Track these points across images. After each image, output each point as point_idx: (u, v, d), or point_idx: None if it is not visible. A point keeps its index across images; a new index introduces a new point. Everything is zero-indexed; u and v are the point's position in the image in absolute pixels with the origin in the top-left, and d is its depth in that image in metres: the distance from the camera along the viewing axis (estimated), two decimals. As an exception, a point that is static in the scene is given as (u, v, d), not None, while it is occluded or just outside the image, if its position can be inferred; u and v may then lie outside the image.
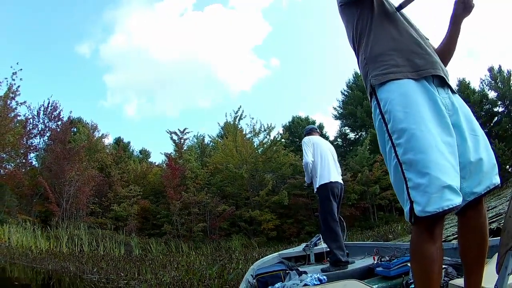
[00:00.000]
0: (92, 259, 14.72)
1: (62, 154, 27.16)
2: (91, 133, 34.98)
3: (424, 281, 1.74)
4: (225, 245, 26.10)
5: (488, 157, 1.92)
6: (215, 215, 29.40)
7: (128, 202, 28.84)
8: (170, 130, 34.97)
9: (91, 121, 38.27)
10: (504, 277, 1.55)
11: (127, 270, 11.06)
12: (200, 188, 30.66)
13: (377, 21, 2.12)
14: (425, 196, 1.69)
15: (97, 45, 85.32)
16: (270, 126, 36.04)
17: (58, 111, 30.78)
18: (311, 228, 31.19)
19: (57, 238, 20.02)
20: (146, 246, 23.33)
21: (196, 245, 26.02)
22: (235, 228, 30.51)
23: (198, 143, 42.98)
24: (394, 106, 1.86)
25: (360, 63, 2.18)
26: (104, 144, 36.47)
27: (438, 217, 1.71)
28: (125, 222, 27.30)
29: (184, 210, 28.91)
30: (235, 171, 31.53)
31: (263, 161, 34.11)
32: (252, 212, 30.15)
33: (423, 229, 1.76)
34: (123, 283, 9.19)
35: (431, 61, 2.02)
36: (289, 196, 31.52)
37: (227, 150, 34.05)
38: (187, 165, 32.26)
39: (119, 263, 13.09)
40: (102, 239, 21.14)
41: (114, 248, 20.52)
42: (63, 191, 25.99)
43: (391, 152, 1.87)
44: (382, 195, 32.98)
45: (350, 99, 48.12)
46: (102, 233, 22.99)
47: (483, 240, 1.91)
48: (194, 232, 28.06)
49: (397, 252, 4.59)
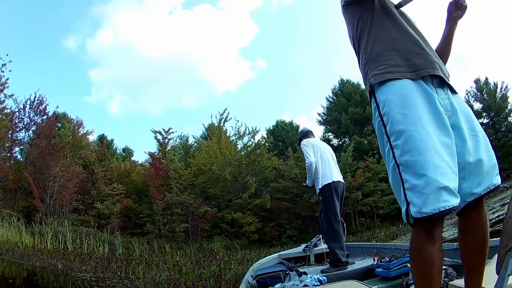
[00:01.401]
0: (80, 257, 14.75)
1: (46, 149, 27.06)
2: (76, 129, 34.81)
3: (424, 282, 1.76)
4: (207, 247, 26.07)
5: (488, 158, 1.95)
6: (198, 216, 29.53)
7: (111, 200, 28.83)
8: (155, 130, 35.03)
9: (76, 117, 38.10)
10: (504, 278, 1.56)
11: (115, 269, 11.14)
12: (183, 188, 30.82)
13: (377, 21, 2.16)
14: (422, 197, 1.71)
15: (84, 40, 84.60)
16: (255, 129, 36.31)
17: (44, 105, 30.69)
18: (292, 232, 31.72)
19: (42, 234, 19.98)
20: (129, 245, 23.25)
21: (179, 246, 25.91)
22: (217, 229, 30.61)
23: (182, 144, 42.97)
24: (392, 108, 1.90)
25: (360, 63, 2.23)
26: (88, 141, 36.38)
27: (436, 218, 1.73)
28: (108, 220, 27.29)
29: (167, 210, 29.02)
30: (218, 173, 31.60)
31: (247, 164, 34.29)
32: (234, 214, 30.32)
33: (423, 230, 1.78)
34: (114, 282, 9.14)
35: (430, 60, 2.06)
36: (272, 200, 31.70)
37: (210, 152, 34.16)
38: (171, 165, 32.30)
39: (109, 262, 13.10)
40: (86, 237, 21.10)
41: (98, 246, 20.50)
42: (47, 186, 25.90)
43: (389, 154, 1.89)
44: (364, 201, 33.33)
45: (335, 105, 48.28)
46: (86, 231, 22.94)
47: (484, 241, 1.93)
48: (176, 232, 28.12)
49: (397, 253, 4.58)
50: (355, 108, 44.18)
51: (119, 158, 42.32)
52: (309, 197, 31.63)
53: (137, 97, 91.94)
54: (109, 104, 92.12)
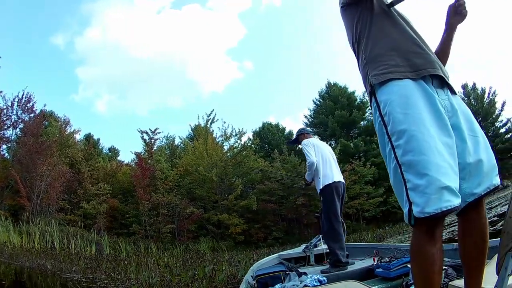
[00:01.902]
0: (69, 258, 14.76)
1: (34, 148, 26.92)
2: (63, 128, 34.60)
3: (424, 282, 1.77)
4: (193, 248, 26.02)
5: (487, 158, 1.96)
6: (184, 217, 29.53)
7: (97, 200, 28.78)
8: (142, 130, 34.89)
9: (63, 115, 37.79)
10: (504, 278, 1.56)
11: (105, 269, 11.15)
12: (169, 189, 30.82)
13: (376, 21, 2.18)
14: (424, 197, 1.72)
15: (72, 37, 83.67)
16: (241, 130, 36.46)
17: (32, 103, 30.39)
18: (278, 234, 31.87)
19: (29, 234, 19.91)
20: (115, 245, 23.23)
21: (165, 247, 25.87)
22: (203, 231, 30.68)
23: (168, 144, 42.93)
24: (393, 108, 1.90)
25: (360, 63, 2.22)
26: (75, 139, 36.17)
27: (437, 218, 1.74)
28: (94, 220, 27.22)
29: (153, 211, 29.02)
30: (205, 174, 31.63)
31: (233, 165, 34.36)
32: (220, 215, 30.34)
33: (424, 230, 1.79)
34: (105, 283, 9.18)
35: (430, 60, 2.07)
36: (258, 201, 31.82)
37: (197, 153, 34.15)
38: (157, 165, 32.27)
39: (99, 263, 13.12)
40: (73, 236, 21.08)
41: (85, 246, 20.49)
42: (34, 185, 25.79)
43: (390, 154, 1.90)
44: (350, 204, 33.23)
45: (322, 108, 48.49)
46: (73, 231, 22.90)
47: (483, 241, 1.94)
48: (162, 233, 28.13)
49: (397, 253, 4.63)
50: (341, 111, 44.37)
51: (105, 157, 42.11)
52: (295, 199, 31.88)
53: (124, 96, 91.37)
54: (96, 103, 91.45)
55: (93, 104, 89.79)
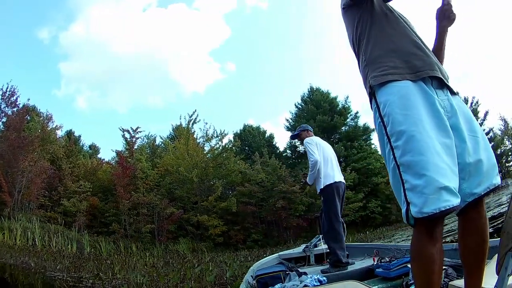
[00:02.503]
0: (53, 256, 14.75)
1: (16, 142, 26.69)
2: (45, 123, 34.11)
3: (424, 282, 1.76)
4: (173, 248, 26.20)
5: (487, 158, 1.96)
6: (164, 217, 29.50)
7: (78, 197, 28.53)
8: (123, 128, 34.87)
9: (46, 110, 37.32)
10: (504, 278, 1.55)
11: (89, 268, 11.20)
12: (149, 189, 30.85)
13: (376, 23, 2.19)
14: (422, 197, 1.72)
15: (57, 32, 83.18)
16: (223, 132, 36.62)
17: (16, 97, 30.10)
18: (257, 236, 32.24)
19: (10, 230, 19.76)
20: (95, 244, 23.17)
21: (145, 247, 25.99)
22: (182, 231, 30.74)
23: (149, 143, 42.79)
24: (393, 108, 1.91)
25: (360, 64, 2.24)
26: (57, 136, 35.69)
27: (436, 218, 1.74)
28: (74, 218, 26.97)
29: (133, 210, 28.98)
30: (185, 175, 31.76)
31: (214, 167, 34.52)
32: (200, 216, 30.46)
33: (424, 230, 1.79)
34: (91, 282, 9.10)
35: (429, 62, 2.07)
36: (238, 203, 32.10)
37: (177, 153, 34.32)
38: (138, 164, 32.20)
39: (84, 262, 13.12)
40: (54, 234, 20.97)
41: (67, 244, 20.42)
42: (15, 181, 25.58)
43: (390, 155, 1.91)
44: (330, 208, 33.77)
45: (303, 112, 48.70)
46: (54, 228, 22.75)
47: (483, 241, 1.94)
48: (142, 233, 28.11)
49: (397, 253, 4.66)
50: (323, 116, 44.62)
51: (86, 154, 41.79)
52: (275, 202, 32.28)
53: (105, 94, 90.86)
54: (77, 99, 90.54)
55: (74, 100, 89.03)
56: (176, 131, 39.33)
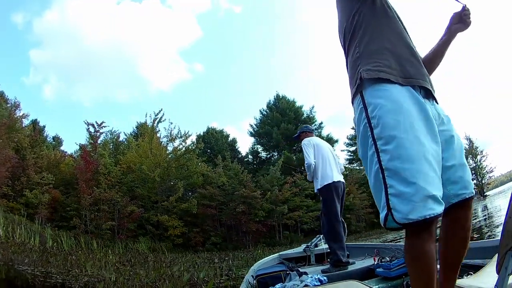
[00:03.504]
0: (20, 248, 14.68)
1: (-19, 129, 26.01)
2: (12, 111, 33.41)
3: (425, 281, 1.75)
4: (133, 247, 26.18)
5: (467, 165, 2.03)
6: (124, 215, 29.49)
7: (40, 189, 28.08)
8: (88, 121, 34.32)
9: (14, 97, 36.45)
10: (504, 278, 1.55)
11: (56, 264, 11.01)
12: (111, 185, 30.68)
13: (376, 19, 2.15)
14: (410, 205, 1.71)
15: (31, 17, 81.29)
16: (187, 133, 36.77)
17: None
18: (216, 239, 32.74)
19: (-27, 219, 19.42)
20: (57, 238, 22.91)
21: (105, 243, 25.69)
22: (142, 230, 30.73)
23: (112, 139, 42.20)
24: (384, 112, 1.87)
25: (351, 56, 2.18)
26: (22, 124, 34.96)
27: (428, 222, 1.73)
28: (36, 210, 26.62)
29: (94, 206, 28.78)
30: (147, 173, 31.84)
31: (176, 167, 34.75)
32: (160, 216, 30.66)
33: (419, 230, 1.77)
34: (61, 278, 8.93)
35: (422, 72, 2.07)
36: (198, 205, 32.46)
37: (141, 151, 34.32)
38: (101, 160, 31.99)
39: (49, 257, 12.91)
40: (17, 225, 20.66)
41: (29, 237, 20.17)
42: (-21, 168, 25.03)
43: (373, 157, 1.88)
44: (289, 215, 34.88)
45: (268, 119, 49.72)
46: (18, 220, 22.42)
47: (467, 244, 1.97)
48: (102, 229, 27.98)
49: (398, 253, 4.59)
50: (287, 124, 45.67)
51: (49, 146, 41.08)
52: (235, 206, 32.86)
53: (72, 85, 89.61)
54: (44, 88, 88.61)
55: (41, 89, 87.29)
56: (141, 128, 39.25)
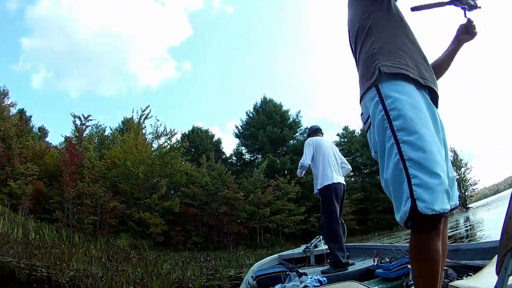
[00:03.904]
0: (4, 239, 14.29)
1: (-32, 117, 25.72)
2: (0, 99, 33.26)
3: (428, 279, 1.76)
4: (114, 243, 26.05)
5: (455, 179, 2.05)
6: (106, 210, 29.37)
7: (24, 180, 27.83)
8: (75, 114, 34.02)
9: (3, 85, 36.03)
10: (504, 278, 1.54)
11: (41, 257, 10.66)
12: (95, 180, 30.48)
13: (393, 25, 2.19)
14: (434, 195, 1.71)
15: (25, 4, 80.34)
16: (172, 131, 36.81)
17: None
18: (197, 239, 32.93)
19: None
20: (39, 230, 22.77)
21: (86, 238, 25.41)
22: (123, 226, 30.60)
23: (98, 133, 42.04)
24: (405, 105, 1.89)
25: (366, 50, 2.19)
26: (10, 113, 34.70)
27: (439, 218, 1.74)
28: (19, 201, 26.27)
29: (77, 200, 28.56)
30: (132, 169, 31.84)
31: (160, 165, 34.78)
32: (142, 213, 30.61)
33: (429, 227, 1.77)
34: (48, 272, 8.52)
35: (433, 77, 2.15)
36: (180, 204, 32.58)
37: (125, 147, 34.28)
38: (86, 153, 31.66)
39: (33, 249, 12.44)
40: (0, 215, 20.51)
41: (13, 227, 20.03)
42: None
43: (392, 149, 1.87)
44: (271, 218, 35.22)
45: (254, 121, 49.93)
46: (2, 210, 22.23)
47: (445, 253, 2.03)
48: (84, 224, 27.78)
49: (397, 254, 4.65)
50: (273, 127, 46.08)
51: (35, 136, 40.37)
52: (218, 207, 33.12)
53: (61, 75, 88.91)
54: (33, 77, 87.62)
55: (30, 78, 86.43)
56: (127, 124, 38.97)
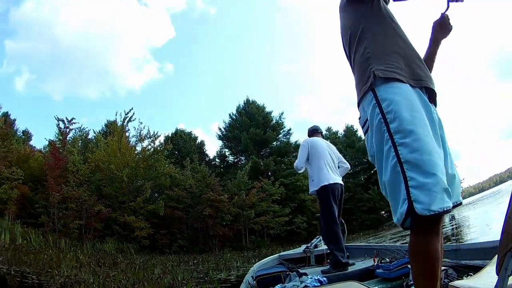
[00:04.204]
0: None
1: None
2: None
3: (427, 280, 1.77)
4: (100, 247, 25.86)
5: (458, 175, 2.05)
6: (92, 214, 29.08)
7: (10, 184, 27.44)
8: (58, 117, 33.70)
9: None
10: (504, 279, 1.54)
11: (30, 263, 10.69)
12: (79, 183, 30.17)
13: (384, 26, 2.21)
14: (431, 196, 1.71)
15: (8, 5, 79.75)
16: (156, 133, 36.82)
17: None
18: (183, 242, 32.97)
19: None
20: (26, 235, 22.66)
21: (72, 243, 25.04)
22: (109, 230, 30.38)
23: (82, 137, 41.79)
24: (400, 107, 1.89)
25: (360, 55, 2.20)
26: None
27: (438, 217, 1.77)
28: (5, 206, 26.03)
29: (62, 204, 28.23)
30: (116, 173, 31.71)
31: (144, 168, 34.70)
32: (127, 217, 30.52)
33: (427, 227, 1.79)
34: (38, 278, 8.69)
35: (429, 75, 2.14)
36: (165, 207, 32.58)
37: (109, 150, 34.04)
38: (70, 157, 31.51)
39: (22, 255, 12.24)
40: None
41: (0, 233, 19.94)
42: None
43: (390, 152, 1.88)
44: (256, 220, 35.46)
45: (237, 123, 50.12)
46: None
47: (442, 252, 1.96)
48: (70, 228, 27.39)
49: (398, 254, 4.65)
50: (256, 129, 46.34)
51: (19, 140, 39.82)
52: (203, 209, 33.16)
53: (44, 78, 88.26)
54: (16, 80, 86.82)
55: (13, 81, 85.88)
56: (110, 127, 38.70)
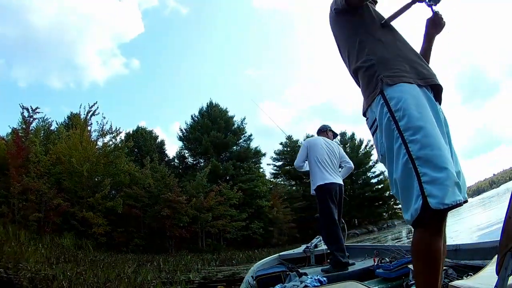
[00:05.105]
0: None
1: None
2: None
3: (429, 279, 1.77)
4: (58, 242, 25.42)
5: (463, 173, 2.06)
6: (51, 208, 28.70)
7: None
8: (23, 105, 32.71)
9: None
10: (504, 278, 1.51)
11: None
12: (40, 175, 29.77)
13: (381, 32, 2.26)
14: (443, 189, 1.74)
15: None
16: (118, 129, 36.69)
17: None
18: (140, 241, 32.94)
19: None
20: None
21: (32, 236, 24.69)
22: (67, 225, 29.95)
23: (44, 127, 40.74)
24: (409, 105, 1.92)
25: (362, 64, 2.22)
26: None
27: (446, 212, 1.79)
28: None
29: (23, 195, 27.81)
30: (76, 167, 31.40)
31: (105, 164, 34.53)
32: (86, 212, 30.29)
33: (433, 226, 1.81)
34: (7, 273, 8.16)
35: (432, 72, 2.17)
36: (123, 205, 32.49)
37: (71, 143, 33.52)
38: (32, 147, 30.84)
39: None
40: None
41: None
42: None
43: (400, 149, 1.90)
44: (213, 223, 35.89)
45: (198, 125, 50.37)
46: None
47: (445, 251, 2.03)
48: (29, 221, 26.88)
49: (398, 254, 4.68)
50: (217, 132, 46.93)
51: None
52: (160, 209, 33.38)
53: (11, 63, 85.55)
54: None
55: None
56: (73, 119, 38.16)
